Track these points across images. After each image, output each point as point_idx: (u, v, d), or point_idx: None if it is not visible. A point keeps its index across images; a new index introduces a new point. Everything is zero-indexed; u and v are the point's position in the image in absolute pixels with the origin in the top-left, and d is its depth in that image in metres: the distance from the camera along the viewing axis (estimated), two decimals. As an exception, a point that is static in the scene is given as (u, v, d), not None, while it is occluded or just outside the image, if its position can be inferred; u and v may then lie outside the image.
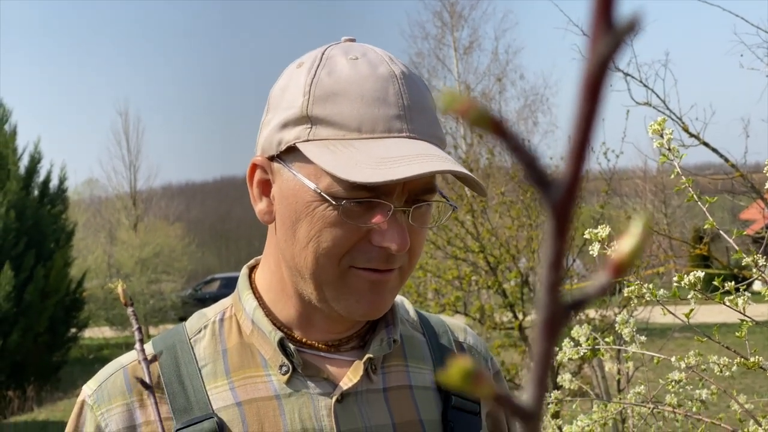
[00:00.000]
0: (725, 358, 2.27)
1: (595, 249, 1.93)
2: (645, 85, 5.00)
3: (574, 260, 7.48)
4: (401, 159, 1.01)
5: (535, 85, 41.77)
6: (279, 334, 1.13)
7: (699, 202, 2.07)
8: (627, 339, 2.39)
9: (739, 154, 5.07)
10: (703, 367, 2.20)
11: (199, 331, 1.18)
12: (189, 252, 30.12)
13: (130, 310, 0.91)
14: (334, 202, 1.04)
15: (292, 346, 1.13)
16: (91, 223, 33.06)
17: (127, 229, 30.36)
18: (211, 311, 1.21)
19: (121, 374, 1.14)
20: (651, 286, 2.07)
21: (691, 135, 4.89)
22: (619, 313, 7.52)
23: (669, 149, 2.08)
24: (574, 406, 2.85)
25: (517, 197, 7.67)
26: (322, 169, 1.03)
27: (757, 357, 1.93)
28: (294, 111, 1.07)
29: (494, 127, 0.27)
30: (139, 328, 0.93)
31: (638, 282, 2.04)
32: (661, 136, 2.07)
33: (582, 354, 2.33)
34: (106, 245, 29.77)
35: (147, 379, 0.92)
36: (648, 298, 2.04)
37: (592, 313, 7.20)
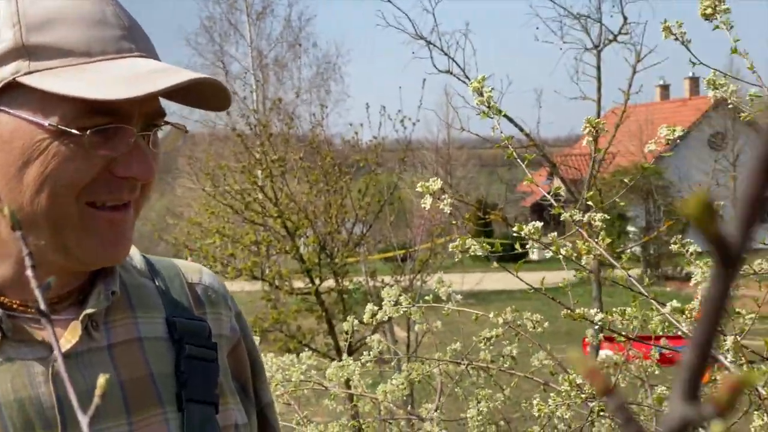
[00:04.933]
0: (537, 315, 2.36)
1: (427, 202, 1.95)
2: (446, 54, 5.11)
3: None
4: (148, 75, 0.98)
5: (328, 53, 42.01)
6: None
7: (521, 164, 2.11)
8: (444, 298, 2.43)
9: (533, 124, 5.29)
10: (518, 322, 2.28)
11: None
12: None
13: (19, 233, 0.81)
14: (77, 133, 0.97)
15: (0, 311, 1.03)
16: None
17: None
18: None
19: None
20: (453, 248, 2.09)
21: (483, 103, 5.04)
22: (414, 278, 7.73)
23: (489, 107, 2.11)
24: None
25: (315, 163, 7.67)
26: (66, 95, 0.96)
27: (583, 309, 2.01)
28: (3, 45, 0.98)
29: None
30: (30, 254, 0.83)
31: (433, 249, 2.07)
32: (481, 94, 2.10)
33: (402, 312, 2.35)
34: None
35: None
36: (454, 260, 2.08)
37: (387, 278, 7.36)
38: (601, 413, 2.10)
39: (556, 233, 2.01)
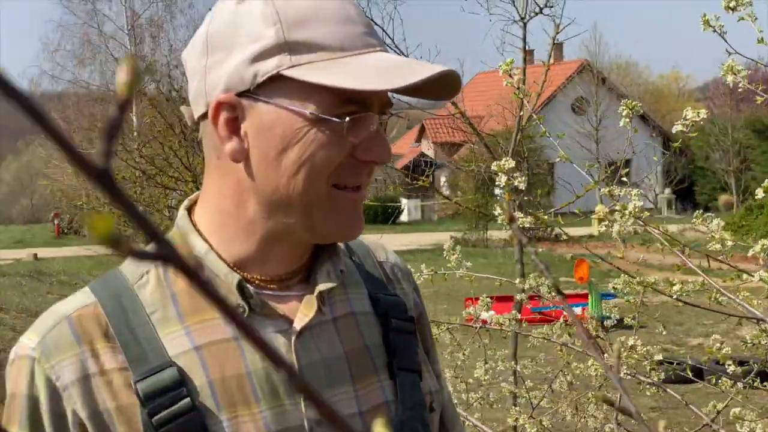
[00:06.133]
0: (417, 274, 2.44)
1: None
2: (377, 24, 5.09)
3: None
4: (397, 69, 1.07)
5: (205, 14, 40.75)
6: (236, 277, 1.11)
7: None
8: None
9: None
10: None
11: (141, 277, 1.13)
12: None
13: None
14: (337, 120, 1.06)
15: (251, 288, 1.11)
16: None
17: None
18: None
19: (66, 324, 1.09)
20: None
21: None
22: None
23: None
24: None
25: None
26: (328, 86, 1.04)
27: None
28: (266, 42, 1.06)
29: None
30: None
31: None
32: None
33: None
34: None
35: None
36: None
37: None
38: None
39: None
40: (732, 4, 1.99)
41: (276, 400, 1.09)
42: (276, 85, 1.07)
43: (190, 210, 1.19)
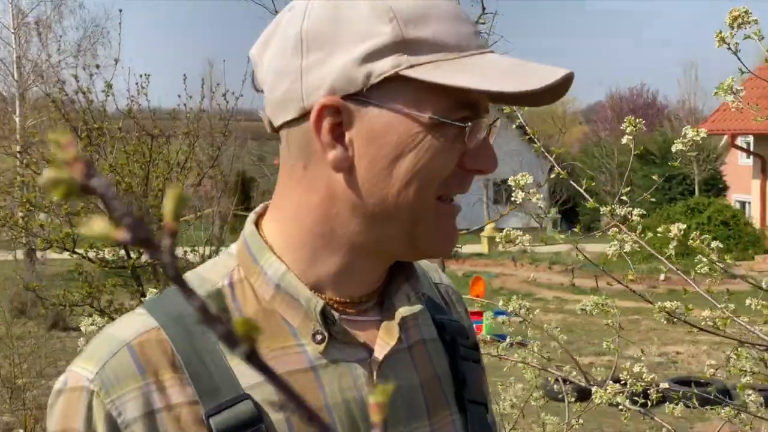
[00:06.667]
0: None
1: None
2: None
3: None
4: (525, 68, 0.99)
5: (96, 16, 39.58)
6: (321, 302, 1.01)
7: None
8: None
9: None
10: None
11: (207, 296, 1.01)
12: None
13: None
14: (460, 124, 0.99)
15: (335, 314, 1.02)
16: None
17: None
18: (214, 274, 1.05)
19: (127, 353, 0.96)
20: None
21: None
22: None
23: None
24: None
25: (128, 133, 7.65)
26: (460, 87, 0.96)
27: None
28: (380, 39, 0.96)
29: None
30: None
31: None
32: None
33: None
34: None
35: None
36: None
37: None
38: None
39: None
40: (738, 23, 1.94)
41: None
42: (389, 87, 0.97)
43: (257, 224, 1.08)
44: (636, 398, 2.19)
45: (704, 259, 2.08)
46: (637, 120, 2.13)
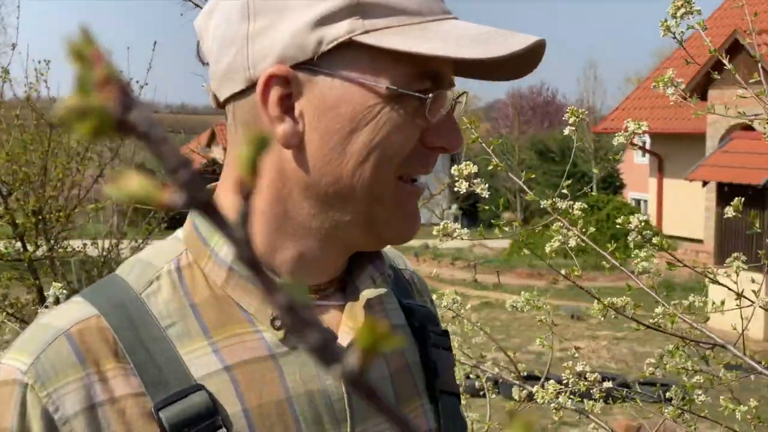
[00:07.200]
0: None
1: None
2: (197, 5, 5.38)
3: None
4: (492, 35, 0.91)
5: None
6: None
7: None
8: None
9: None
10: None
11: (150, 284, 0.93)
12: None
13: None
14: (421, 96, 0.90)
15: None
16: None
17: None
18: (157, 259, 0.96)
19: (65, 341, 0.87)
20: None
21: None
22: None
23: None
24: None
25: (26, 121, 7.42)
26: (419, 54, 0.87)
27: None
28: (333, 3, 0.88)
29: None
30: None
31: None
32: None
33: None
34: None
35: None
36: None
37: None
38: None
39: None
40: (681, 12, 1.96)
41: (319, 429, 0.93)
42: (343, 54, 0.89)
43: None
44: (572, 396, 2.18)
45: (640, 255, 2.07)
46: (581, 111, 2.10)
